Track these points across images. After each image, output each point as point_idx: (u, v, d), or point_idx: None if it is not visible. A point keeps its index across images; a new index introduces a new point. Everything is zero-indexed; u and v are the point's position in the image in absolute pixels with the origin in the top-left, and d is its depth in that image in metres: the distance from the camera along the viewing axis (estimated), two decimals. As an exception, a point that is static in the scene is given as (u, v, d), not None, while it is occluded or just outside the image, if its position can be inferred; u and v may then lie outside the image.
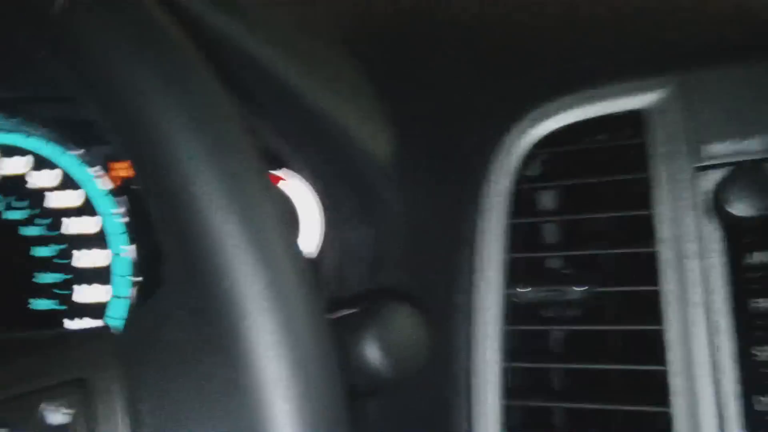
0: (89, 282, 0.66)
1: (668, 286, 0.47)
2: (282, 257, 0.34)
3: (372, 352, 0.45)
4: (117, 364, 0.35)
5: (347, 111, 0.54)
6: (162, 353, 0.35)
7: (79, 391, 0.35)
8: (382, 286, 0.55)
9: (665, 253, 0.48)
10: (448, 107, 0.56)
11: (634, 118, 0.50)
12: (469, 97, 0.55)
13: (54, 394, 0.34)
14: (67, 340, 0.39)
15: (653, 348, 0.48)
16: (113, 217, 0.65)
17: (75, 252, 0.66)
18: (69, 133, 0.67)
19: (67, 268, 0.66)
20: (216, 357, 0.33)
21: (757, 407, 0.45)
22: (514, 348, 0.51)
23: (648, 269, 0.48)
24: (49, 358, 0.36)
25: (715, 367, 0.46)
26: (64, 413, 0.34)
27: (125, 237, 0.64)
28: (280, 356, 0.32)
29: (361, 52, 0.57)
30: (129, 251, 0.64)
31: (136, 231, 0.64)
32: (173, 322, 0.34)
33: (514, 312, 0.51)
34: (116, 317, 0.64)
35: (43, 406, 0.34)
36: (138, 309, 0.38)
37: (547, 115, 0.52)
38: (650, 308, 0.48)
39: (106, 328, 0.38)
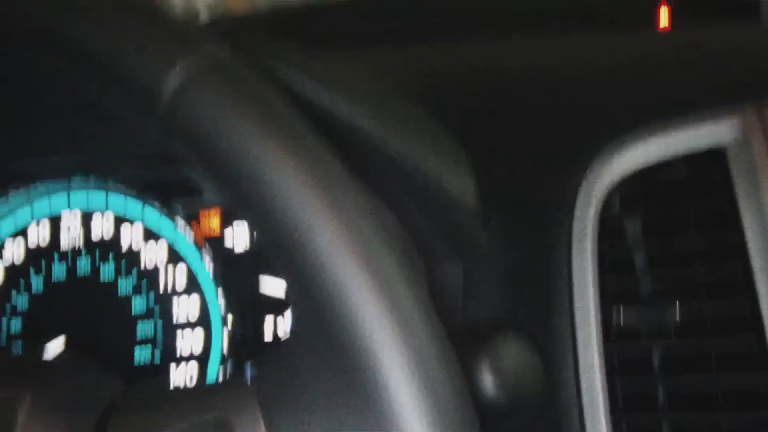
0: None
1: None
2: (407, 293, 0.35)
3: (486, 382, 0.47)
4: (257, 406, 0.37)
5: (436, 163, 0.56)
6: (297, 396, 0.36)
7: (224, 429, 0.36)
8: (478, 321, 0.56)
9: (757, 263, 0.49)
10: (528, 150, 0.58)
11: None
12: (549, 137, 0.57)
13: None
14: (206, 388, 0.40)
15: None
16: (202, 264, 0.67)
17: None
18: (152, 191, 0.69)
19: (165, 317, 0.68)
20: (351, 394, 0.34)
21: None
22: (617, 367, 0.52)
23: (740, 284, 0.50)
24: (195, 401, 0.38)
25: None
26: None
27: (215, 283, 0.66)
28: (415, 386, 0.34)
29: (442, 108, 0.59)
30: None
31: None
32: (304, 369, 0.36)
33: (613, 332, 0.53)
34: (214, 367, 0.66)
35: None
36: (268, 358, 0.39)
37: (625, 153, 0.54)
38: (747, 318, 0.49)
39: (242, 376, 0.40)
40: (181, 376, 0.66)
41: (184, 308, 0.67)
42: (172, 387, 0.63)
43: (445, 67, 0.62)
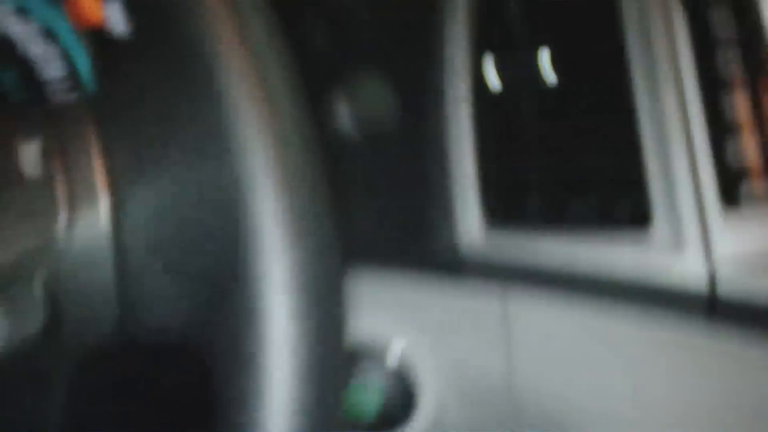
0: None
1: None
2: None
3: (343, 118, 0.48)
4: (92, 121, 0.34)
5: None
6: (137, 106, 0.33)
7: (52, 124, 0.34)
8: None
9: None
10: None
11: None
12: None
13: (29, 129, 0.33)
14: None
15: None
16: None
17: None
18: None
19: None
20: (193, 108, 0.32)
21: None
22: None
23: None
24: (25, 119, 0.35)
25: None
26: (38, 143, 0.33)
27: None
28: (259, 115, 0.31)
29: None
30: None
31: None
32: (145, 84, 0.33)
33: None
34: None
35: (18, 137, 0.33)
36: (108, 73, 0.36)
37: None
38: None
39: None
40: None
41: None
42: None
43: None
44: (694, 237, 0.49)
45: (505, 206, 0.54)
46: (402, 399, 0.56)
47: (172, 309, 0.32)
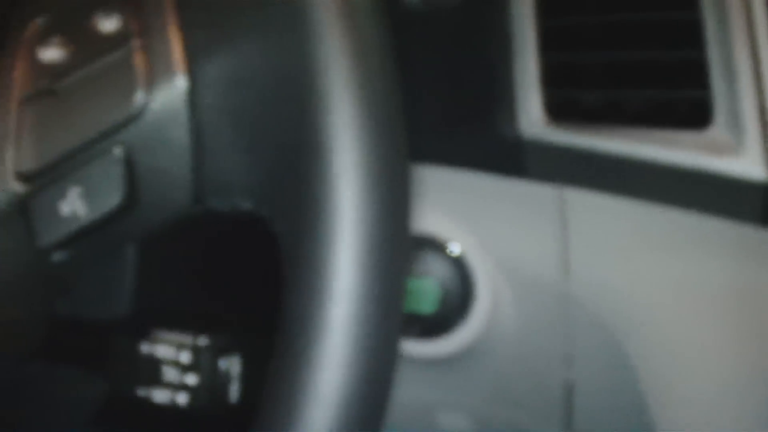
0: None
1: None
2: None
3: None
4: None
5: None
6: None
7: (130, 1, 0.35)
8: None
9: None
10: None
11: None
12: None
13: (108, 6, 0.35)
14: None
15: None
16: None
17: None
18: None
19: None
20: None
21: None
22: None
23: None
24: None
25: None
26: (117, 20, 0.34)
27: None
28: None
29: None
30: None
31: None
32: None
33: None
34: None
35: (95, 13, 0.34)
36: None
37: None
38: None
39: None
40: None
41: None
42: None
43: None
44: (755, 139, 0.48)
45: (566, 100, 0.53)
46: (460, 293, 0.56)
47: (245, 181, 0.33)
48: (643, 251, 0.53)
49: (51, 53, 0.34)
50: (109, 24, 0.34)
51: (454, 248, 0.56)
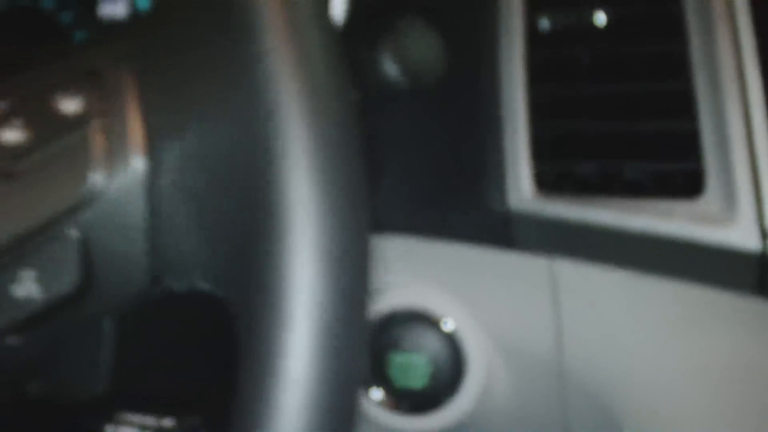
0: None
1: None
2: None
3: (387, 64, 0.47)
4: (131, 58, 0.35)
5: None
6: (176, 63, 0.34)
7: (93, 84, 0.35)
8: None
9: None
10: None
11: None
12: None
13: (71, 88, 0.34)
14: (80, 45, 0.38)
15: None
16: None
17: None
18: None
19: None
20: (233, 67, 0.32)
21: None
22: (540, 73, 0.53)
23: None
24: (65, 58, 0.36)
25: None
26: (79, 101, 0.34)
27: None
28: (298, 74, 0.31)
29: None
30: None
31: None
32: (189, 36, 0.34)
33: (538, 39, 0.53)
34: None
35: (57, 96, 0.34)
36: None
37: None
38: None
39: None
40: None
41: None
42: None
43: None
44: (748, 209, 0.47)
45: (557, 171, 0.53)
46: (451, 368, 0.56)
47: (202, 262, 0.33)
48: (636, 323, 0.52)
49: (11, 135, 0.34)
50: (70, 105, 0.34)
51: (446, 323, 0.55)
